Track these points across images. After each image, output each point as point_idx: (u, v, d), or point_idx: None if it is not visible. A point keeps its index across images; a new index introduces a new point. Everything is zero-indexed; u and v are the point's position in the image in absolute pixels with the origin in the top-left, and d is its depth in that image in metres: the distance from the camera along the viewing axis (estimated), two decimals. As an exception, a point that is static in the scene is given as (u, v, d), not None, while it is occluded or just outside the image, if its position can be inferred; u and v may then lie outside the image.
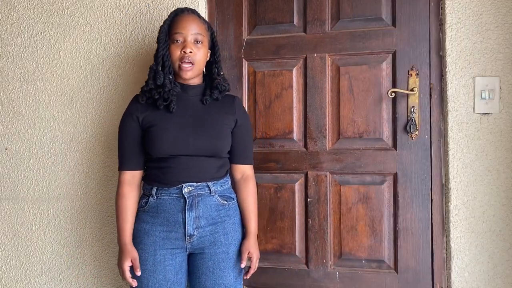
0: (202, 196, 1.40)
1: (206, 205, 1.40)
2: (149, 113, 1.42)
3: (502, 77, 1.56)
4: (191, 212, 1.38)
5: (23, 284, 1.94)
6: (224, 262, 1.40)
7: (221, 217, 1.42)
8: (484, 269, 1.56)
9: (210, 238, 1.40)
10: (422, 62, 1.64)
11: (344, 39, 1.70)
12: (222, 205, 1.43)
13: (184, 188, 1.38)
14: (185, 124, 1.40)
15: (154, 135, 1.39)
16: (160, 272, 1.38)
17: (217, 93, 1.46)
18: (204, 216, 1.39)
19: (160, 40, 1.42)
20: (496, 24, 1.56)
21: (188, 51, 1.39)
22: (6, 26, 1.95)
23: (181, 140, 1.38)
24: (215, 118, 1.43)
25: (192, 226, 1.38)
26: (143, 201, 1.44)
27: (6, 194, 1.95)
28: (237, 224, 1.46)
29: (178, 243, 1.39)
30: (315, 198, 1.73)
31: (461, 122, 1.57)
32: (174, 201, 1.39)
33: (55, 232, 1.90)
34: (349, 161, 1.70)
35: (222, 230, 1.42)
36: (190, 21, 1.42)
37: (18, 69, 1.93)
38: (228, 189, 1.48)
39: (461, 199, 1.58)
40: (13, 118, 1.94)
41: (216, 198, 1.42)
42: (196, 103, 1.45)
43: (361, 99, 1.69)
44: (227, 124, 1.45)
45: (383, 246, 1.67)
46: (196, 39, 1.41)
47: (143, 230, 1.41)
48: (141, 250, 1.39)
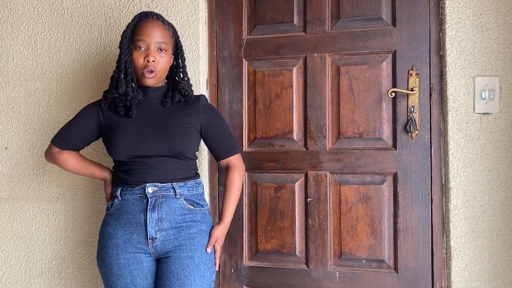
0: (167, 197, 1.37)
1: (170, 207, 1.37)
2: (110, 116, 1.44)
3: (502, 77, 1.56)
4: (153, 213, 1.35)
5: (23, 284, 1.94)
6: (189, 267, 1.34)
7: (186, 222, 1.38)
8: (484, 269, 1.56)
9: (175, 242, 1.36)
10: (422, 61, 1.64)
11: (344, 39, 1.70)
12: (188, 210, 1.39)
13: (147, 187, 1.36)
14: (144, 125, 1.40)
15: (113, 139, 1.40)
16: (127, 276, 1.36)
17: (179, 96, 1.45)
18: (167, 218, 1.36)
19: (122, 45, 1.40)
20: (496, 24, 1.56)
21: (151, 60, 1.38)
22: (6, 26, 1.95)
23: (139, 141, 1.38)
24: (176, 119, 1.42)
25: (154, 228, 1.34)
26: (109, 203, 1.44)
27: (6, 194, 1.95)
28: (204, 231, 1.41)
29: (140, 246, 1.36)
30: (315, 198, 1.73)
31: (461, 122, 1.57)
32: (137, 201, 1.37)
33: (55, 232, 1.90)
34: (349, 160, 1.70)
35: (187, 234, 1.37)
36: (154, 29, 1.40)
37: (18, 69, 1.93)
38: (198, 195, 1.45)
39: (461, 199, 1.58)
40: (13, 118, 1.94)
41: (182, 201, 1.39)
42: (157, 105, 1.44)
43: (361, 98, 1.69)
44: (190, 124, 1.42)
45: (383, 245, 1.67)
46: (159, 47, 1.40)
47: (107, 233, 1.40)
48: (105, 254, 1.38)
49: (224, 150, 1.50)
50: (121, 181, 1.42)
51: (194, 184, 1.44)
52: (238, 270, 1.78)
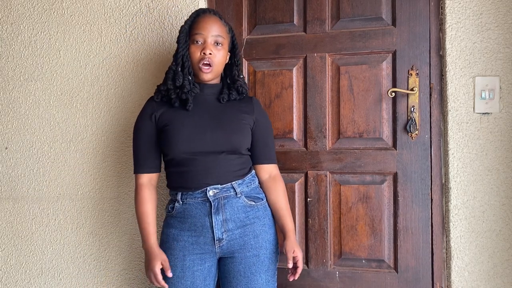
0: (228, 198, 1.37)
1: (233, 207, 1.37)
2: (165, 111, 1.41)
3: (502, 77, 1.56)
4: (217, 216, 1.35)
5: (23, 284, 1.94)
6: (255, 265, 1.37)
7: (250, 219, 1.39)
8: (484, 269, 1.56)
9: (240, 241, 1.37)
10: (422, 61, 1.64)
11: (344, 39, 1.70)
12: (250, 206, 1.40)
13: (208, 191, 1.35)
14: (201, 121, 1.39)
15: (170, 133, 1.37)
16: (188, 278, 1.36)
17: (235, 94, 1.45)
18: (231, 219, 1.37)
19: (180, 40, 1.41)
20: (496, 24, 1.56)
21: (207, 53, 1.37)
22: (6, 25, 1.95)
23: (198, 136, 1.36)
24: (232, 115, 1.42)
25: (220, 230, 1.35)
26: (169, 206, 1.43)
27: (6, 194, 1.95)
28: (267, 225, 1.42)
29: (207, 247, 1.37)
30: (315, 197, 1.73)
31: (461, 122, 1.58)
32: (200, 205, 1.36)
33: (55, 231, 1.90)
34: (349, 160, 1.70)
35: (251, 232, 1.38)
36: (211, 23, 1.41)
37: (18, 69, 1.93)
38: (256, 188, 1.44)
39: (461, 199, 1.58)
40: (13, 117, 1.94)
41: (243, 199, 1.39)
42: (213, 102, 1.44)
43: (361, 98, 1.69)
44: (245, 121, 1.43)
45: (383, 245, 1.67)
46: (216, 41, 1.40)
47: (172, 235, 1.39)
48: (170, 255, 1.37)
49: (268, 155, 1.49)
50: (180, 184, 1.39)
51: (251, 178, 1.44)
52: (238, 270, 1.78)
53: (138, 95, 1.81)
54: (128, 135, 1.82)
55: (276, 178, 1.49)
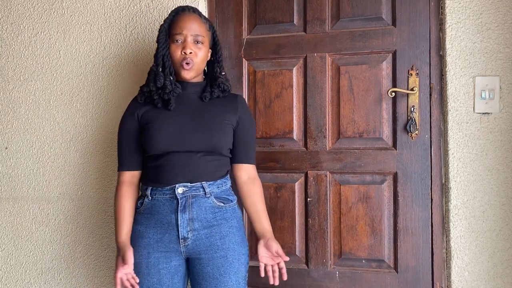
0: (197, 197, 1.36)
1: (201, 207, 1.36)
2: (148, 110, 1.42)
3: (502, 77, 1.56)
4: (184, 214, 1.34)
5: (23, 284, 1.94)
6: (223, 266, 1.36)
7: (217, 220, 1.37)
8: (484, 269, 1.56)
9: (206, 242, 1.36)
10: (422, 61, 1.64)
11: (344, 39, 1.70)
12: (218, 208, 1.38)
13: (177, 188, 1.35)
14: (182, 120, 1.39)
15: (151, 131, 1.38)
16: (154, 275, 1.36)
17: (218, 91, 1.44)
18: (198, 218, 1.35)
19: (160, 39, 1.40)
20: (496, 24, 1.56)
21: (188, 52, 1.37)
22: (6, 25, 1.95)
23: (178, 135, 1.36)
24: (214, 114, 1.41)
25: (185, 228, 1.34)
26: (139, 202, 1.43)
27: (6, 194, 1.95)
28: (235, 227, 1.40)
29: (172, 246, 1.35)
30: (315, 197, 1.73)
31: (461, 122, 1.57)
32: (168, 202, 1.36)
33: (55, 231, 1.90)
34: (349, 160, 1.70)
35: (218, 233, 1.37)
36: (191, 21, 1.40)
37: (18, 69, 1.93)
38: (227, 190, 1.43)
39: (461, 199, 1.58)
40: (13, 117, 1.94)
41: (212, 200, 1.38)
42: (195, 100, 1.43)
43: (361, 98, 1.69)
44: (227, 120, 1.41)
45: (383, 245, 1.67)
46: (196, 40, 1.39)
47: (138, 232, 1.39)
48: (135, 252, 1.37)
49: (249, 155, 1.47)
50: (152, 179, 1.39)
51: (224, 180, 1.42)
52: (238, 270, 1.78)
53: (138, 95, 1.81)
54: (128, 135, 1.82)
55: (255, 179, 1.47)
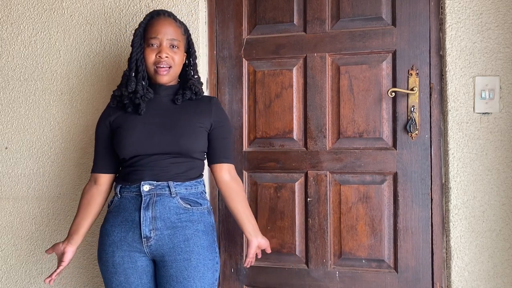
0: (161, 196, 1.35)
1: (165, 206, 1.35)
2: (119, 115, 1.43)
3: (502, 77, 1.56)
4: (147, 212, 1.33)
5: (23, 284, 1.94)
6: (187, 270, 1.32)
7: (181, 222, 1.35)
8: (484, 269, 1.56)
9: (169, 243, 1.33)
10: (422, 61, 1.64)
11: (344, 39, 1.70)
12: (184, 209, 1.36)
13: (142, 185, 1.35)
14: (151, 123, 1.39)
15: (120, 136, 1.39)
16: (121, 274, 1.36)
17: (190, 93, 1.43)
18: (161, 217, 1.34)
19: (134, 43, 1.40)
20: (496, 24, 1.56)
21: (164, 56, 1.38)
22: (6, 25, 1.95)
23: (146, 138, 1.37)
24: (186, 118, 1.40)
25: (147, 226, 1.33)
26: (110, 200, 1.44)
27: (6, 194, 1.95)
28: (201, 231, 1.37)
29: (135, 245, 1.34)
30: (315, 197, 1.73)
31: (461, 122, 1.57)
32: (133, 199, 1.36)
33: (55, 231, 1.90)
34: (349, 160, 1.70)
35: (182, 235, 1.34)
36: (166, 25, 1.40)
37: (18, 69, 1.93)
38: (197, 194, 1.41)
39: (461, 199, 1.58)
40: (13, 117, 1.94)
41: (177, 200, 1.36)
42: (167, 104, 1.43)
43: (361, 98, 1.69)
44: (200, 123, 1.40)
45: (383, 245, 1.67)
46: (171, 44, 1.40)
47: (105, 231, 1.40)
48: (102, 251, 1.39)
49: (227, 155, 1.46)
50: (122, 178, 1.41)
51: (194, 183, 1.41)
52: (238, 269, 1.78)
53: (138, 95, 1.81)
54: (128, 135, 1.82)
55: (234, 179, 1.47)
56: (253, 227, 1.46)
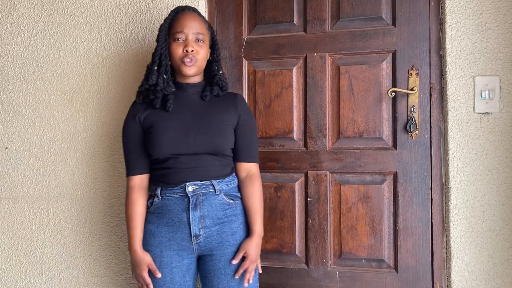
0: (207, 195, 1.37)
1: (211, 204, 1.37)
2: (149, 113, 1.42)
3: (502, 77, 1.56)
4: (195, 212, 1.36)
5: (23, 284, 1.94)
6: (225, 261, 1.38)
7: (227, 217, 1.39)
8: (484, 269, 1.56)
9: (217, 238, 1.37)
10: (422, 61, 1.64)
11: (344, 39, 1.70)
12: (228, 204, 1.40)
13: (187, 187, 1.36)
14: (185, 122, 1.39)
15: (154, 135, 1.38)
16: (167, 274, 1.37)
17: (217, 89, 1.45)
18: (209, 215, 1.37)
19: (159, 38, 1.41)
20: (496, 24, 1.56)
21: (190, 50, 1.38)
22: (6, 25, 1.95)
23: (181, 138, 1.37)
24: (215, 115, 1.41)
25: (197, 226, 1.36)
26: (149, 202, 1.43)
27: (6, 194, 1.95)
28: (244, 223, 1.43)
29: (184, 244, 1.37)
30: (315, 197, 1.73)
31: (461, 122, 1.57)
32: (178, 200, 1.37)
33: (55, 231, 1.90)
34: (349, 160, 1.70)
35: (229, 230, 1.39)
36: (191, 20, 1.41)
37: (18, 69, 1.93)
38: (235, 188, 1.45)
39: (461, 199, 1.58)
40: (13, 117, 1.94)
41: (222, 197, 1.39)
42: (196, 101, 1.44)
43: (361, 98, 1.69)
44: (228, 120, 1.42)
45: (383, 245, 1.67)
46: (197, 38, 1.40)
47: (149, 231, 1.40)
48: (147, 251, 1.39)
49: (249, 154, 1.46)
50: (161, 180, 1.40)
51: (231, 178, 1.44)
52: (238, 269, 1.78)
53: (138, 95, 1.81)
54: (128, 135, 1.82)
55: (253, 177, 1.45)
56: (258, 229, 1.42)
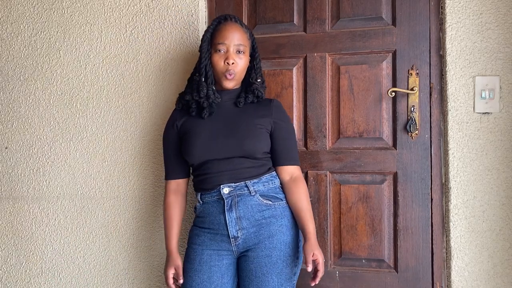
0: (242, 196, 1.38)
1: (247, 205, 1.38)
2: (186, 120, 1.47)
3: (502, 77, 1.56)
4: (231, 213, 1.37)
5: (23, 283, 1.94)
6: (266, 266, 1.35)
7: (265, 218, 1.38)
8: (484, 268, 1.56)
9: (255, 240, 1.37)
10: (422, 61, 1.64)
11: (344, 38, 1.70)
12: (266, 206, 1.39)
13: (222, 189, 1.38)
14: (216, 128, 1.42)
15: (187, 142, 1.43)
16: (205, 272, 1.38)
17: (252, 97, 1.46)
18: (245, 216, 1.37)
19: (202, 49, 1.43)
20: (496, 24, 1.56)
21: (231, 62, 1.40)
22: (6, 25, 1.95)
23: (211, 144, 1.40)
24: (247, 119, 1.42)
25: (234, 227, 1.37)
26: (195, 206, 1.49)
27: (6, 194, 1.95)
28: (285, 226, 1.39)
29: (224, 245, 1.39)
30: (315, 197, 1.73)
31: (461, 122, 1.57)
32: (215, 203, 1.40)
33: (55, 231, 1.90)
34: (349, 160, 1.70)
35: (267, 232, 1.37)
36: (233, 31, 1.42)
37: (18, 69, 1.93)
38: (275, 189, 1.43)
39: (461, 199, 1.58)
40: (13, 117, 1.94)
41: (257, 198, 1.39)
42: (230, 107, 1.46)
43: (361, 98, 1.69)
44: (261, 125, 1.42)
45: (383, 245, 1.67)
46: (238, 50, 1.41)
47: (195, 232, 1.45)
48: (190, 249, 1.43)
49: (289, 157, 1.46)
50: (199, 186, 1.45)
51: (269, 178, 1.42)
52: (238, 269, 1.78)
53: (138, 95, 1.81)
54: (128, 135, 1.82)
55: (297, 179, 1.45)
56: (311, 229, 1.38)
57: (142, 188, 1.81)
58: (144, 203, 1.81)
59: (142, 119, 1.81)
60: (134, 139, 1.81)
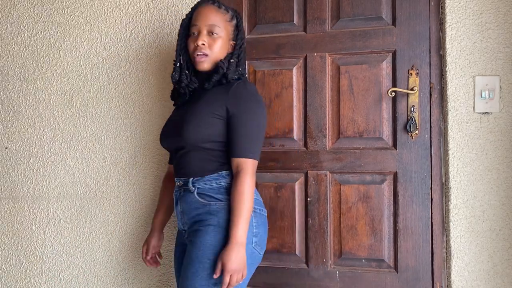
0: (186, 191, 1.37)
1: (187, 201, 1.36)
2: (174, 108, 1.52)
3: (502, 76, 1.56)
4: (177, 207, 1.40)
5: (23, 283, 1.94)
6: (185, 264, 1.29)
7: (200, 217, 1.32)
8: (484, 268, 1.56)
9: (191, 236, 1.33)
10: (422, 61, 1.64)
11: (344, 38, 1.70)
12: (201, 204, 1.32)
13: (176, 182, 1.41)
14: (180, 114, 1.41)
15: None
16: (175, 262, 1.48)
17: (217, 76, 1.35)
18: (185, 212, 1.36)
19: (179, 34, 1.43)
20: (496, 23, 1.56)
21: (200, 43, 1.35)
22: (6, 25, 1.95)
23: (167, 133, 1.42)
24: (203, 105, 1.33)
25: (180, 220, 1.39)
26: None
27: (6, 193, 1.95)
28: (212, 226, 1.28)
29: (181, 236, 1.44)
30: (315, 197, 1.73)
31: (461, 122, 1.57)
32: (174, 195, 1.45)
33: (55, 231, 1.90)
34: (349, 160, 1.69)
35: (198, 231, 1.30)
36: (206, 12, 1.38)
37: (18, 69, 1.93)
38: (218, 189, 1.32)
39: (461, 199, 1.58)
40: (13, 117, 1.94)
41: (195, 195, 1.33)
42: (199, 91, 1.41)
43: (361, 98, 1.69)
44: (212, 113, 1.31)
45: (383, 245, 1.67)
46: (210, 31, 1.36)
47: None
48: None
49: (235, 148, 1.30)
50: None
51: (215, 177, 1.32)
52: (238, 269, 1.78)
53: (138, 95, 1.81)
54: (128, 135, 1.82)
55: (237, 174, 1.29)
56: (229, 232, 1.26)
57: (142, 188, 1.81)
58: (144, 203, 1.81)
59: (142, 119, 1.81)
60: (134, 139, 1.81)
